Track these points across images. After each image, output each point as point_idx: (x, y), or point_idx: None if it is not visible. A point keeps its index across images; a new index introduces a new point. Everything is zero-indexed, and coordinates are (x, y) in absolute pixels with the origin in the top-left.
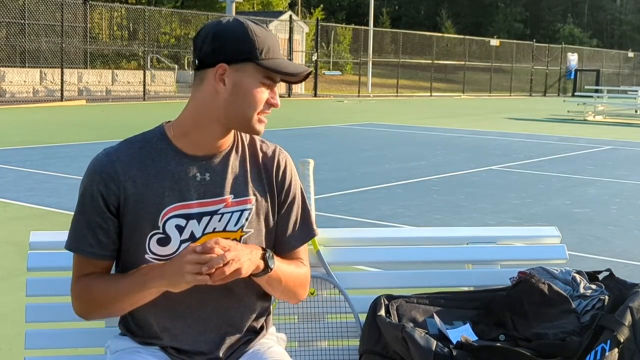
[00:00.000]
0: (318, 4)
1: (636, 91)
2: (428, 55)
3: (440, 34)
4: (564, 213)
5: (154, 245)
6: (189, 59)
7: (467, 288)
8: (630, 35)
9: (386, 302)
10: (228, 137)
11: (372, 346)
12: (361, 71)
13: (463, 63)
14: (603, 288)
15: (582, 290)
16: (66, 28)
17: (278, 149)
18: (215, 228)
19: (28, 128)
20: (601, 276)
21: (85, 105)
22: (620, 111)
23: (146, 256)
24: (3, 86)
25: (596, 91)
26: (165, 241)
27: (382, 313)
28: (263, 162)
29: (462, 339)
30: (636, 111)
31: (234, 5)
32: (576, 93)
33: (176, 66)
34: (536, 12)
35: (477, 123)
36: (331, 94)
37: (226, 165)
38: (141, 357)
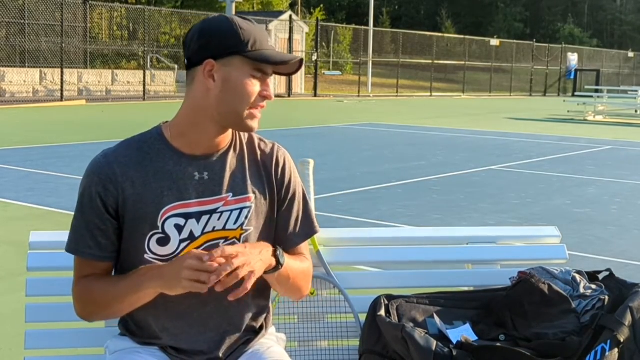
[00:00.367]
0: (318, 4)
1: (636, 91)
2: (428, 55)
3: (440, 34)
4: (564, 213)
5: (154, 245)
6: None
7: (467, 288)
8: (630, 35)
9: (386, 302)
10: (225, 136)
11: (372, 346)
12: (361, 71)
13: (463, 63)
14: (603, 288)
15: (582, 290)
16: (66, 28)
17: (276, 146)
18: (214, 227)
19: (28, 128)
20: (601, 276)
21: (85, 105)
22: (620, 111)
23: (146, 256)
24: (3, 86)
25: (596, 91)
26: (164, 241)
27: (382, 313)
28: (262, 160)
29: (462, 339)
30: (636, 111)
31: (234, 5)
32: (576, 93)
33: (176, 66)
34: (536, 12)
35: (477, 123)
36: (331, 94)
37: (224, 163)
38: (141, 357)
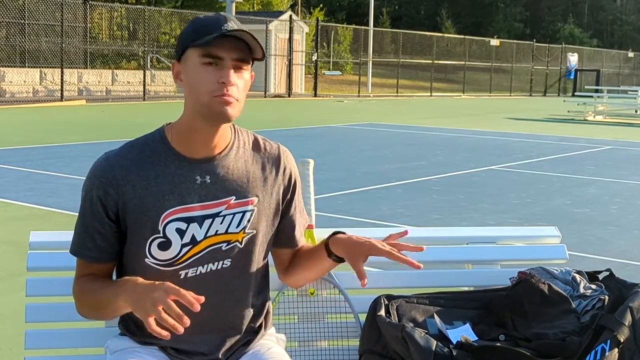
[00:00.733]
0: (318, 4)
1: (636, 91)
2: (428, 55)
3: (440, 34)
4: (564, 213)
5: (155, 249)
6: None
7: (467, 288)
8: (630, 35)
9: (386, 302)
10: (224, 137)
11: (372, 346)
12: (361, 71)
13: (463, 63)
14: (603, 288)
15: (582, 290)
16: (66, 28)
17: (282, 149)
18: (217, 230)
19: (28, 128)
20: (601, 276)
21: (85, 105)
22: (620, 111)
23: (146, 260)
24: (3, 86)
25: (596, 91)
26: (166, 245)
27: (382, 313)
28: (267, 162)
29: (462, 339)
30: (636, 111)
31: (234, 5)
32: (576, 93)
33: None
34: (536, 12)
35: (477, 123)
36: (331, 94)
37: (227, 166)
38: (140, 357)
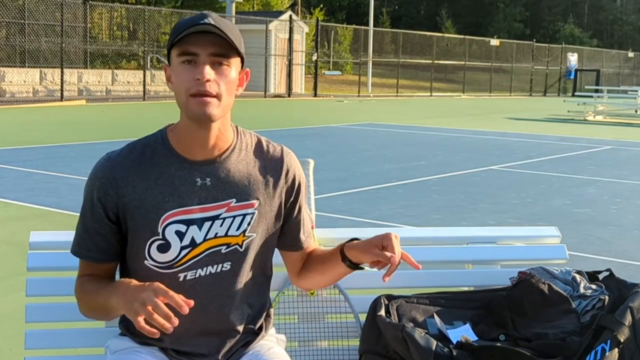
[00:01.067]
0: (318, 4)
1: (636, 91)
2: (428, 55)
3: (440, 34)
4: (564, 213)
5: (154, 251)
6: None
7: (467, 288)
8: (630, 35)
9: (386, 302)
10: (223, 138)
11: (372, 346)
12: (361, 71)
13: (463, 63)
14: (603, 288)
15: (582, 290)
16: (66, 28)
17: (285, 151)
18: (217, 233)
19: (28, 128)
20: (601, 276)
21: (85, 105)
22: (620, 111)
23: (145, 262)
24: (3, 86)
25: (596, 91)
26: (165, 247)
27: (382, 313)
28: (269, 165)
29: (462, 339)
30: (636, 111)
31: (234, 5)
32: (576, 93)
33: None
34: (536, 12)
35: (477, 123)
36: (331, 94)
37: (228, 169)
38: (141, 357)
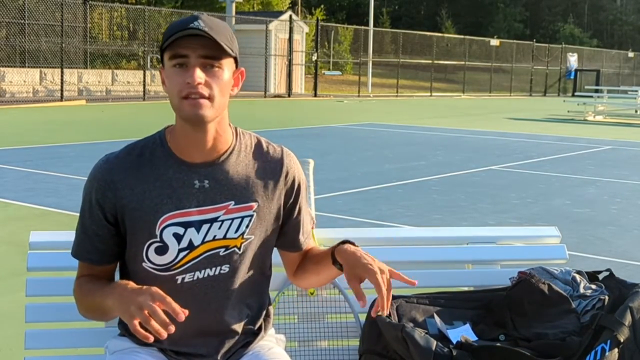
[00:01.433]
0: (318, 4)
1: (636, 91)
2: (428, 55)
3: (440, 34)
4: (564, 213)
5: (152, 253)
6: None
7: (467, 288)
8: (630, 35)
9: None
10: (222, 140)
11: (372, 346)
12: (361, 71)
13: (463, 63)
14: (603, 288)
15: (582, 290)
16: (66, 28)
17: (285, 152)
18: (215, 235)
19: (28, 128)
20: (601, 276)
21: (85, 105)
22: (620, 111)
23: (143, 264)
24: (3, 86)
25: (596, 91)
26: (162, 250)
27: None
28: (269, 166)
29: (462, 339)
30: (636, 111)
31: (234, 5)
32: (576, 93)
33: None
34: (536, 12)
35: (477, 123)
36: (331, 94)
37: (227, 171)
38: (140, 358)
